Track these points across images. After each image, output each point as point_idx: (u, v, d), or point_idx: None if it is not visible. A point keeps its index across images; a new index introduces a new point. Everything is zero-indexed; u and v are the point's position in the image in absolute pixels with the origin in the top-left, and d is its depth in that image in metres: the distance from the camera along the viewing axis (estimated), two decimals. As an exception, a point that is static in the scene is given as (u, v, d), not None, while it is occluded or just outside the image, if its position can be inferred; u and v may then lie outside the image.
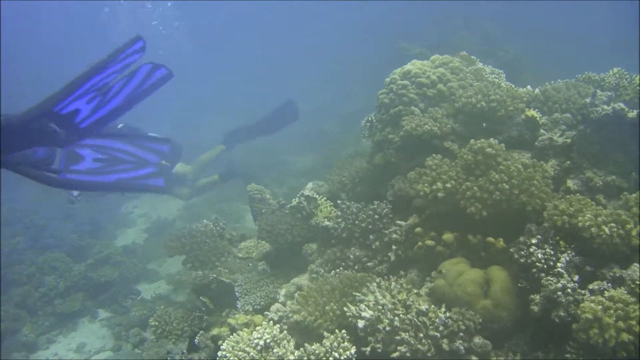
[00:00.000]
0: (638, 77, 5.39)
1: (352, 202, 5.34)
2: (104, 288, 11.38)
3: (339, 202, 5.52)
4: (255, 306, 5.41)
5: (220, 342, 5.18)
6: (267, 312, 5.06)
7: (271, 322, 4.68)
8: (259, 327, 4.60)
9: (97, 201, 14.14)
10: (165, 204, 15.56)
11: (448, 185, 4.44)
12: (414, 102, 5.34)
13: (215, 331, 5.34)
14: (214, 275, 6.31)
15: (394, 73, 5.60)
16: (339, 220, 5.27)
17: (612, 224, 3.75)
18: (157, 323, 6.18)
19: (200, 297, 6.30)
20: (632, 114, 4.36)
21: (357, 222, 5.14)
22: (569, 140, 4.75)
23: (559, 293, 3.66)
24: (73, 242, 13.01)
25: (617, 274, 3.70)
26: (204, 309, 6.23)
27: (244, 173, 11.25)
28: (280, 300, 5.33)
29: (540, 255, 3.92)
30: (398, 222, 5.06)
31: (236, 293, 5.70)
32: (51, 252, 12.32)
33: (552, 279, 3.76)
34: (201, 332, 5.76)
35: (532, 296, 3.86)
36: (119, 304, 10.98)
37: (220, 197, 15.01)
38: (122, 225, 15.09)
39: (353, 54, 26.94)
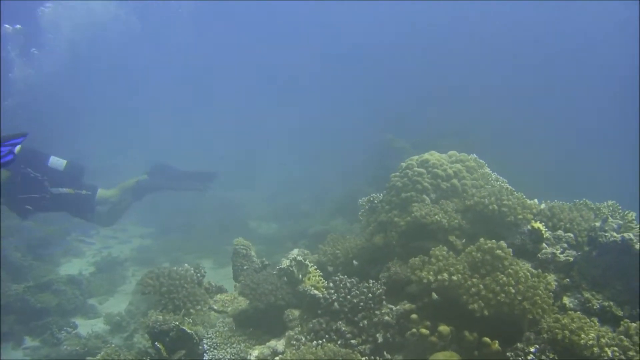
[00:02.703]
0: (631, 213, 5.62)
1: (346, 277, 5.28)
2: (38, 315, 10.73)
3: (332, 275, 5.45)
4: (224, 362, 5.20)
5: (185, 392, 4.94)
6: (241, 370, 4.86)
7: (248, 380, 4.50)
8: (235, 384, 4.41)
9: (48, 223, 13.65)
10: (119, 241, 15.16)
11: (454, 277, 4.45)
12: (427, 191, 5.43)
13: (180, 380, 5.07)
14: (176, 323, 6.07)
15: (412, 159, 5.70)
16: (332, 291, 5.18)
17: (615, 348, 3.80)
18: (104, 361, 5.88)
19: (156, 343, 6.02)
20: (639, 246, 4.51)
21: (349, 297, 5.06)
22: (571, 259, 4.87)
23: (557, 406, 3.64)
24: (15, 260, 12.37)
25: (612, 399, 3.72)
26: (156, 356, 5.95)
27: (170, 185, 11.11)
28: (251, 362, 5.13)
29: (538, 365, 3.92)
30: (389, 305, 5.02)
31: (205, 345, 5.48)
32: (-10, 266, 11.66)
33: (549, 391, 3.76)
34: (148, 379, 5.48)
35: (526, 405, 3.83)
36: (52, 335, 10.35)
37: (176, 247, 14.72)
38: (69, 254, 14.48)
39: (337, 137, 27.67)
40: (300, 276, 5.58)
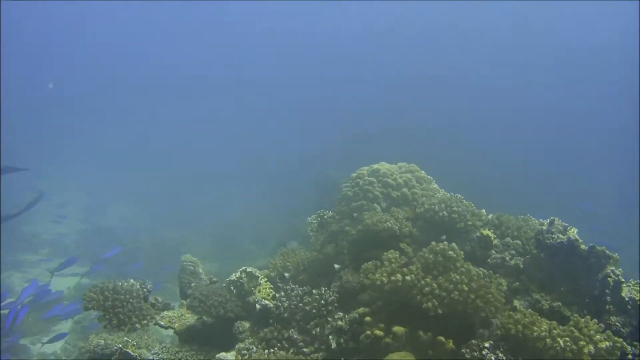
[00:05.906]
0: (573, 229, 5.80)
1: (297, 286, 5.21)
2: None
3: (282, 284, 5.38)
4: (172, 377, 4.99)
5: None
6: (191, 380, 4.68)
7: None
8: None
9: None
10: (53, 279, 14.52)
11: (408, 277, 4.44)
12: (378, 199, 5.47)
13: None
14: (119, 346, 5.84)
15: (362, 169, 5.76)
16: (283, 299, 5.09)
17: (567, 339, 3.85)
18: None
19: (97, 369, 5.77)
20: (584, 247, 4.65)
21: (300, 304, 4.98)
22: (520, 263, 4.96)
23: (513, 395, 3.65)
24: None
25: (565, 389, 3.75)
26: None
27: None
28: (200, 376, 4.94)
29: (493, 359, 3.93)
30: (341, 313, 4.96)
31: (150, 361, 5.27)
32: None
33: (505, 382, 3.76)
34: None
35: (483, 397, 3.82)
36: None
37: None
38: (-2, 292, 13.74)
39: (278, 175, 27.65)
40: (251, 288, 5.47)
